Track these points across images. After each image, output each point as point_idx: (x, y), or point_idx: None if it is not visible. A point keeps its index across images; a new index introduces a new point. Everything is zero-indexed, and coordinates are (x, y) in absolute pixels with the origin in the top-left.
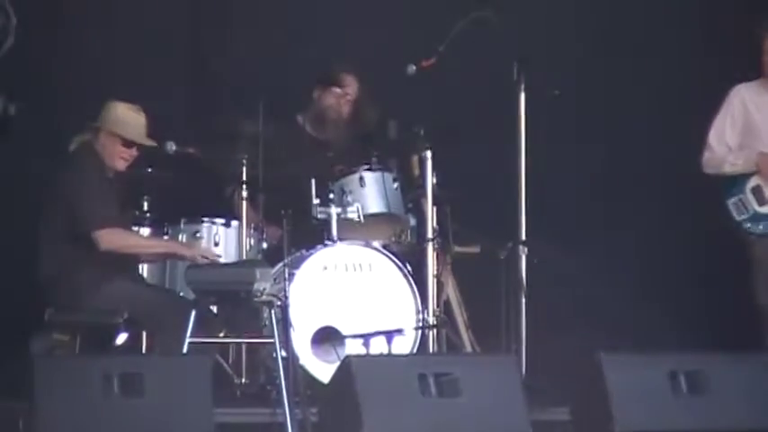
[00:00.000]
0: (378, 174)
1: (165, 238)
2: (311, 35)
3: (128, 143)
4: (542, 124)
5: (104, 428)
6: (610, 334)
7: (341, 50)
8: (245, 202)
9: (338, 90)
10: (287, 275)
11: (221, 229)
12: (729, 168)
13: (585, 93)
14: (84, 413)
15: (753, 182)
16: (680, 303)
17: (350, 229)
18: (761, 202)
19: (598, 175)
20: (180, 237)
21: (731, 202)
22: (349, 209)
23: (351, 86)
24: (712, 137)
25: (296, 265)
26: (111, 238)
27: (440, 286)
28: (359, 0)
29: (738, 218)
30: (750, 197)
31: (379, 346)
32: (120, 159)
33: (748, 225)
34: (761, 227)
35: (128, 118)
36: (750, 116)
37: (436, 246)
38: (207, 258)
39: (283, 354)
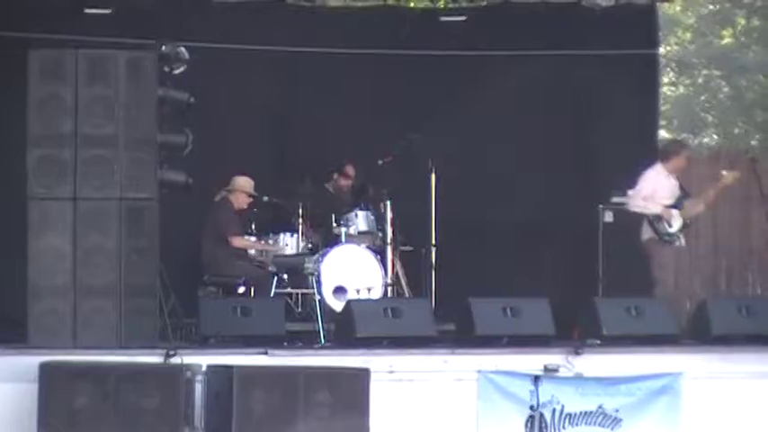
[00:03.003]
0: (364, 211)
1: (262, 242)
2: (334, 135)
3: (245, 195)
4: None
5: (230, 324)
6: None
7: (346, 143)
8: (300, 224)
9: (346, 175)
10: (321, 260)
11: (289, 237)
12: None
13: None
14: (225, 320)
15: None
16: None
17: (351, 238)
18: None
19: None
20: (268, 242)
21: None
22: (351, 228)
23: (351, 172)
24: None
25: (324, 254)
26: (236, 241)
27: (393, 266)
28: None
29: None
30: None
31: (363, 295)
32: (242, 203)
33: None
34: None
35: (245, 183)
36: None
37: (392, 246)
38: (279, 253)
39: (318, 297)
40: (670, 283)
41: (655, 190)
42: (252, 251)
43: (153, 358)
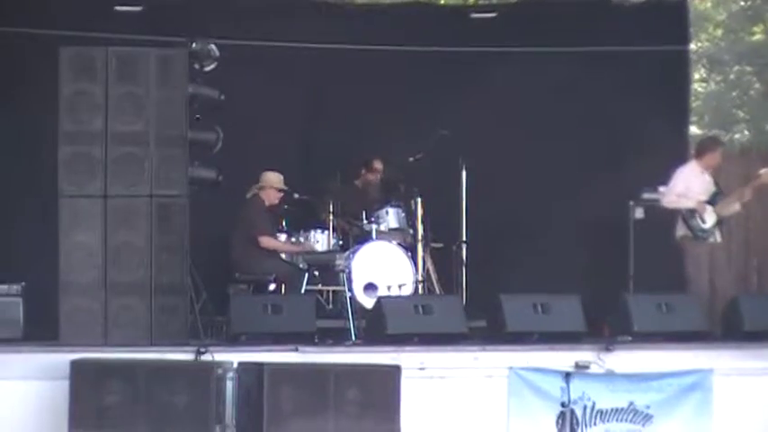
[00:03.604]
0: (395, 208)
1: (293, 240)
2: (362, 133)
3: (276, 190)
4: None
5: (261, 322)
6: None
7: (376, 141)
8: (331, 221)
9: (373, 169)
10: (351, 257)
11: (320, 234)
12: None
13: None
14: (256, 317)
15: None
16: None
17: (382, 235)
18: None
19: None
20: (299, 238)
21: None
22: (382, 225)
23: (379, 166)
24: None
25: (355, 251)
26: (264, 241)
27: (424, 263)
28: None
29: None
30: None
31: (394, 291)
32: (273, 198)
33: None
34: None
35: (275, 178)
36: None
37: (423, 243)
38: (309, 250)
39: (349, 294)
40: (704, 280)
41: (688, 187)
42: (282, 251)
43: (184, 356)
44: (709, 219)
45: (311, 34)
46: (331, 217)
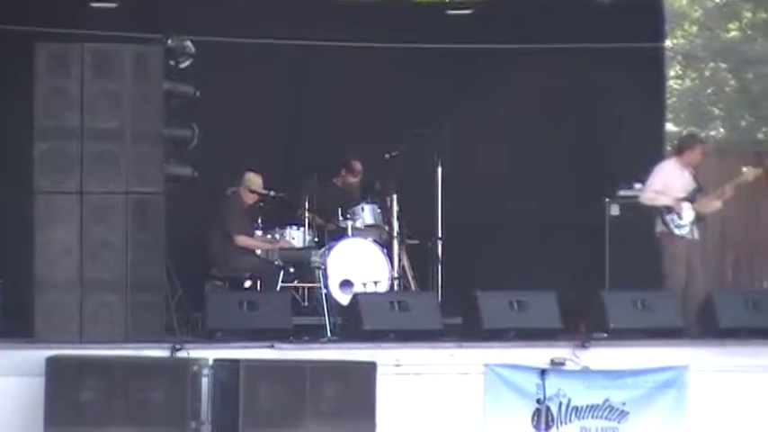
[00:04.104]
0: (370, 205)
1: (269, 236)
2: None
3: (254, 192)
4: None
5: (237, 318)
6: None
7: (354, 140)
8: (307, 218)
9: (353, 170)
10: (327, 253)
11: (296, 231)
12: None
13: None
14: (232, 313)
15: None
16: None
17: (358, 231)
18: None
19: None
20: (275, 235)
21: None
22: (357, 221)
23: (358, 167)
24: None
25: (331, 248)
26: (241, 240)
27: (400, 259)
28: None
29: None
30: None
31: (370, 288)
32: (250, 199)
33: None
34: None
35: (253, 179)
36: None
37: (399, 240)
38: (285, 247)
39: (325, 291)
40: (680, 277)
41: (667, 183)
42: (258, 248)
43: (160, 352)
44: (687, 216)
45: (288, 31)
46: (307, 214)
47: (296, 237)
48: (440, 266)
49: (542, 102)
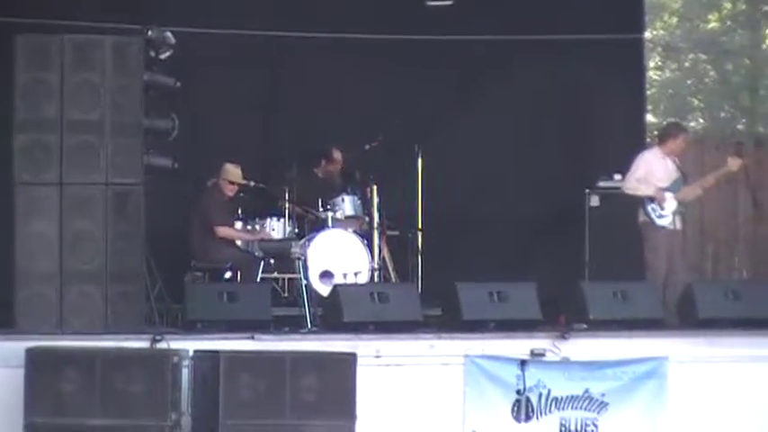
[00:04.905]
0: (350, 196)
1: (249, 227)
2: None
3: (233, 183)
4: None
5: (217, 310)
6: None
7: (334, 131)
8: (287, 209)
9: (332, 160)
10: (307, 244)
11: (276, 222)
12: None
13: None
14: (211, 305)
15: None
16: None
17: (338, 222)
18: None
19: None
20: (255, 226)
21: None
22: (337, 212)
23: (338, 156)
24: None
25: (311, 238)
26: (221, 231)
27: (380, 250)
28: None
29: None
30: None
31: (350, 279)
32: (229, 190)
33: None
34: None
35: (232, 170)
36: None
37: (379, 231)
38: (265, 238)
39: (305, 282)
40: (660, 267)
41: (649, 172)
42: (239, 239)
43: (139, 343)
44: (669, 206)
45: (267, 22)
46: (287, 204)
47: (276, 228)
48: (420, 258)
49: (522, 93)
